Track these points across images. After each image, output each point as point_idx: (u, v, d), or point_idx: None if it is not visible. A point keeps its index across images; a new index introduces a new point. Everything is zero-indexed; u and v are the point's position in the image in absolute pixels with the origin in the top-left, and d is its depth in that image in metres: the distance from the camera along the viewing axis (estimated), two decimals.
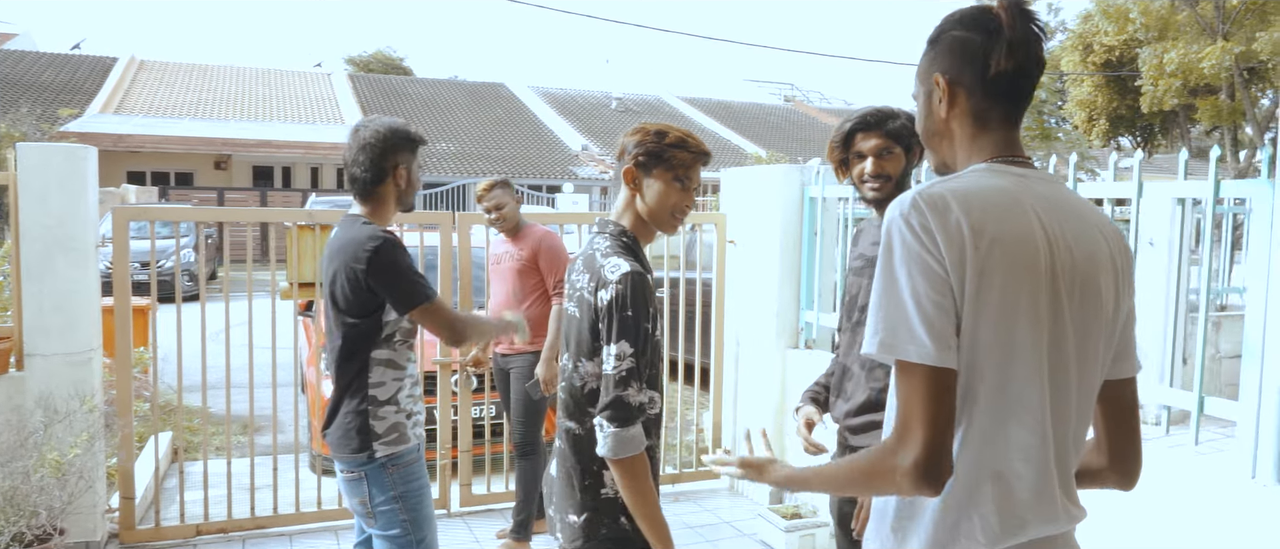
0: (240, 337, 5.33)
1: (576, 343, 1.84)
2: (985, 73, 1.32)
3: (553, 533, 1.94)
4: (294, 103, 26.51)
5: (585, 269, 1.85)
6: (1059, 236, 1.30)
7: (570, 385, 1.86)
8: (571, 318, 1.86)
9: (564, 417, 1.88)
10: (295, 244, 4.12)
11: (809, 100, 41.62)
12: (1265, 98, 14.77)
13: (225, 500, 4.10)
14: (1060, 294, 1.29)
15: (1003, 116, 1.35)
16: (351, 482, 2.49)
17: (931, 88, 1.38)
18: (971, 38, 1.33)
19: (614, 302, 1.74)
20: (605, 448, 1.75)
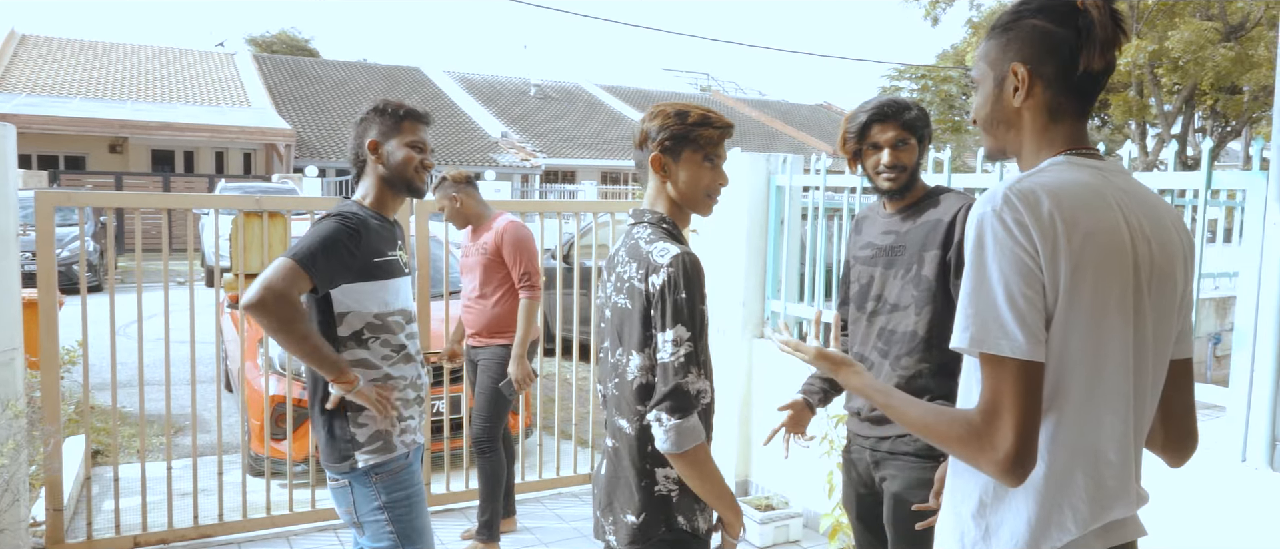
0: (153, 331, 4.97)
1: (627, 336, 1.74)
2: (1070, 68, 1.30)
3: (601, 536, 1.85)
4: (196, 83, 25.21)
5: (631, 258, 1.76)
6: (1139, 229, 1.31)
7: (622, 381, 1.76)
8: (621, 311, 1.76)
9: (615, 415, 1.79)
10: (242, 233, 3.84)
11: (725, 90, 42.00)
12: (1176, 94, 15.62)
13: (155, 507, 3.81)
14: (1142, 286, 1.31)
15: (1076, 111, 1.34)
16: (338, 491, 2.32)
17: (1005, 74, 1.35)
18: (1057, 31, 1.30)
19: (667, 285, 1.66)
20: (666, 443, 1.65)
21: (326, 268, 2.10)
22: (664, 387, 1.66)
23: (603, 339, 1.87)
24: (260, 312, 2.03)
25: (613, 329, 1.79)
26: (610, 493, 1.80)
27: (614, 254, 1.85)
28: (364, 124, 2.30)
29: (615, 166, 26.48)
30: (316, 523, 4.06)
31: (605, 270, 1.89)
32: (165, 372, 3.79)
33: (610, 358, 1.80)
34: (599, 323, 1.91)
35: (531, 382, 3.77)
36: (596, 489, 1.89)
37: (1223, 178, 2.64)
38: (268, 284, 2.04)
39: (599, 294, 1.93)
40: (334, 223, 2.15)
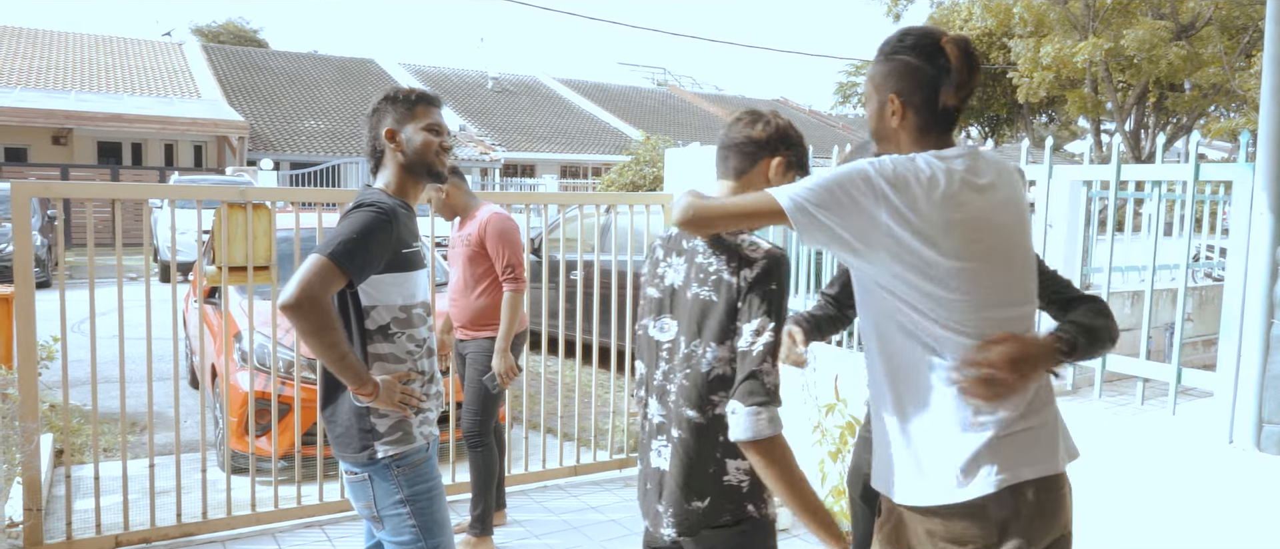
0: (107, 327, 4.84)
1: (708, 327, 1.71)
2: (933, 101, 1.60)
3: (657, 527, 1.82)
4: (143, 74, 24.51)
5: (717, 250, 1.73)
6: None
7: (695, 372, 1.74)
8: (703, 302, 1.73)
9: (685, 405, 1.74)
10: (225, 224, 3.76)
11: (681, 85, 42.11)
12: (1129, 91, 16.07)
13: (131, 507, 3.72)
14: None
15: (942, 132, 1.63)
16: (356, 484, 2.28)
17: (885, 101, 1.63)
18: (923, 68, 1.59)
19: (760, 277, 1.68)
20: (744, 431, 1.62)
21: (362, 262, 2.08)
22: (743, 373, 1.65)
23: (662, 331, 1.82)
24: (295, 314, 2.00)
25: (690, 320, 1.75)
26: (674, 484, 1.76)
27: (684, 246, 1.80)
28: (377, 115, 2.27)
29: (575, 160, 26.40)
30: (303, 519, 4.00)
31: (663, 260, 1.85)
32: (148, 367, 3.70)
33: (683, 348, 1.76)
34: (650, 313, 1.86)
35: (515, 375, 3.75)
36: (648, 483, 1.84)
37: (1210, 169, 2.74)
38: (305, 286, 2.00)
39: (655, 285, 1.86)
40: (367, 214, 2.12)
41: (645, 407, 1.86)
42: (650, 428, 1.84)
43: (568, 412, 5.49)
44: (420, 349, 2.27)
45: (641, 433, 1.88)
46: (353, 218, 2.12)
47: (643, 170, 18.72)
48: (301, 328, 2.02)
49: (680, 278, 1.80)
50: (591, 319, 4.82)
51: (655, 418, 1.82)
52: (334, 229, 2.12)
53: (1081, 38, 13.99)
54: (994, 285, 1.56)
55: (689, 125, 31.17)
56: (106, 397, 6.01)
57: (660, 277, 1.85)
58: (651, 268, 1.89)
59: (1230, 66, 13.83)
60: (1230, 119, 15.61)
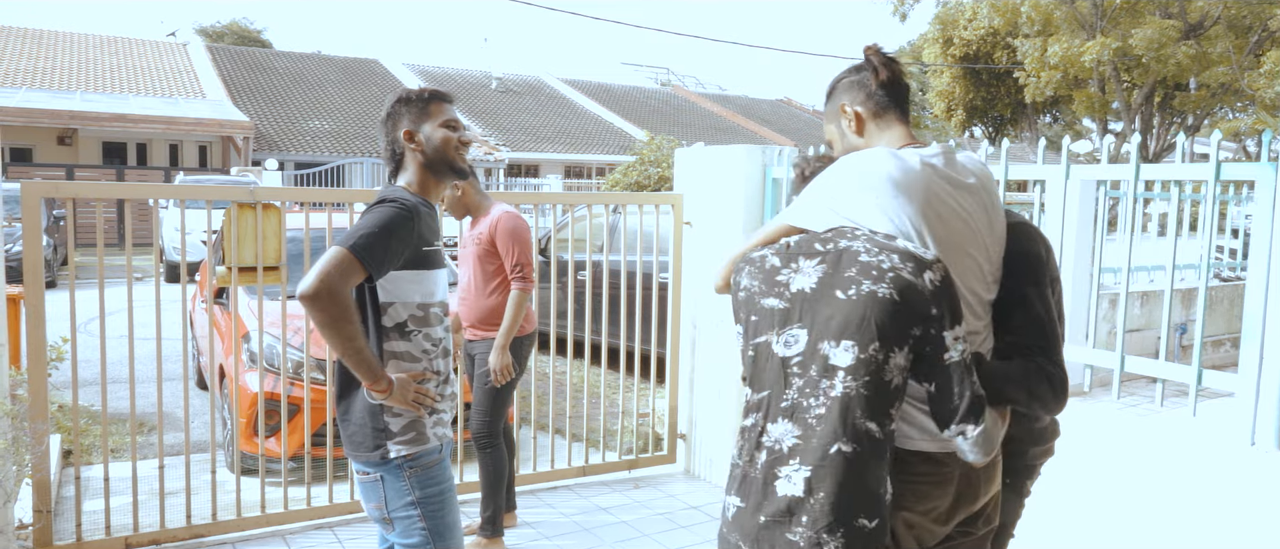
0: (115, 327, 4.81)
1: (890, 329, 1.56)
2: (870, 88, 1.82)
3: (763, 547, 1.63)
4: (148, 74, 24.53)
5: (882, 248, 1.60)
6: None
7: (876, 381, 1.57)
8: (882, 301, 1.56)
9: (862, 417, 1.56)
10: (235, 225, 3.74)
11: (685, 85, 42.08)
12: (1136, 90, 16.02)
13: (140, 507, 3.70)
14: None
15: (892, 108, 1.81)
16: (367, 484, 2.26)
17: (839, 117, 1.87)
18: (853, 76, 1.86)
19: (946, 282, 1.58)
20: (977, 453, 1.60)
21: (382, 257, 2.06)
22: (960, 390, 1.56)
23: (789, 345, 1.64)
24: (313, 304, 1.98)
25: (865, 320, 1.57)
26: (838, 504, 1.56)
27: (820, 248, 1.66)
28: (392, 119, 2.26)
29: (578, 160, 26.38)
30: (314, 521, 3.98)
31: (784, 266, 1.68)
32: (157, 368, 3.68)
33: (860, 352, 1.57)
34: (773, 328, 1.66)
35: (509, 375, 3.70)
36: (767, 515, 1.61)
37: (1233, 169, 2.71)
38: (325, 277, 1.98)
39: (775, 295, 1.67)
40: (390, 209, 2.10)
41: (760, 433, 1.65)
42: (777, 454, 1.62)
43: (576, 412, 5.47)
44: (436, 349, 2.25)
45: (748, 469, 1.66)
46: (375, 212, 2.11)
47: (647, 170, 18.67)
48: (319, 319, 2.00)
49: (813, 281, 1.64)
50: (600, 319, 4.80)
51: (787, 442, 1.61)
52: (356, 223, 2.11)
53: (1089, 37, 13.94)
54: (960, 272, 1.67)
55: (693, 125, 31.13)
56: (115, 397, 6.02)
57: (782, 284, 1.67)
58: (762, 280, 1.70)
59: (1239, 66, 13.76)
60: (1238, 118, 15.54)
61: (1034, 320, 1.72)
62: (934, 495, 1.69)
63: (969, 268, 1.67)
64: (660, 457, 4.94)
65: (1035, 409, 1.69)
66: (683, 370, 4.89)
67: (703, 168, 4.71)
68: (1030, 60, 14.58)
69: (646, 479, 4.75)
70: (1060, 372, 1.70)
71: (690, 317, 4.82)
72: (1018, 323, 1.72)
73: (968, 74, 21.87)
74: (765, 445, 1.64)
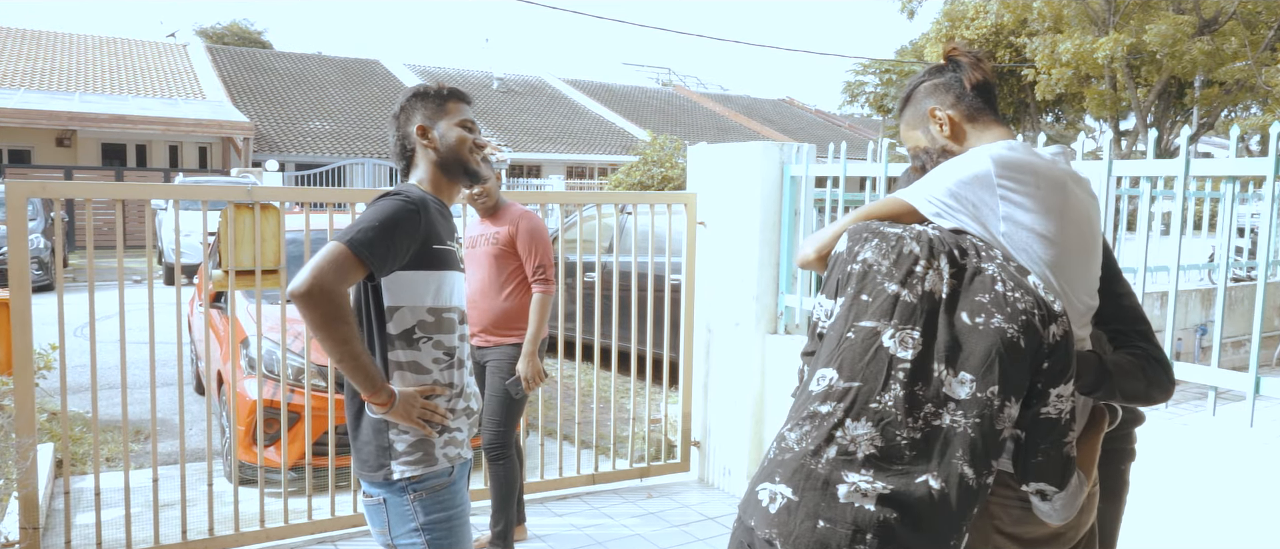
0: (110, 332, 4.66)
1: (1012, 376, 1.44)
2: (962, 91, 1.73)
3: None
4: (147, 75, 24.38)
5: (1014, 285, 1.49)
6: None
7: (987, 425, 1.43)
8: (1010, 343, 1.44)
9: (962, 461, 1.42)
10: (232, 226, 3.58)
11: (686, 84, 41.92)
12: (1148, 89, 15.90)
13: (133, 520, 3.54)
14: None
15: (986, 108, 1.72)
16: (372, 507, 2.09)
17: (928, 122, 1.76)
18: (940, 79, 1.76)
19: (1066, 338, 1.48)
20: (1057, 514, 1.51)
21: (384, 253, 1.89)
22: (1050, 449, 1.47)
23: (903, 345, 1.48)
24: (305, 303, 1.81)
25: (989, 356, 1.44)
26: (916, 535, 1.41)
27: (962, 261, 1.53)
28: (405, 112, 2.10)
29: (581, 160, 26.21)
30: (315, 535, 3.82)
31: (925, 259, 1.52)
32: (151, 373, 3.52)
33: (979, 391, 1.43)
34: (887, 317, 1.50)
35: (542, 380, 3.57)
36: (826, 520, 1.42)
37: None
38: (319, 274, 1.81)
39: (904, 284, 1.52)
40: (394, 203, 1.93)
41: (836, 427, 1.47)
42: (848, 456, 1.45)
43: (584, 418, 5.31)
44: (450, 359, 2.07)
45: (810, 460, 1.47)
46: (376, 206, 1.94)
47: (650, 170, 18.51)
48: (311, 319, 1.83)
49: (947, 289, 1.50)
50: (609, 322, 4.64)
51: (863, 448, 1.44)
52: (356, 217, 1.94)
53: (1101, 33, 13.74)
54: (1080, 278, 1.58)
55: (695, 125, 30.97)
56: (107, 404, 5.86)
57: (915, 276, 1.51)
58: (892, 261, 1.54)
59: (1256, 62, 13.57)
60: (1255, 116, 15.36)
61: (1127, 310, 1.69)
62: (1030, 520, 1.57)
63: (1091, 273, 1.61)
64: (673, 465, 4.78)
65: (1154, 396, 1.63)
66: (697, 375, 4.72)
67: (717, 166, 4.55)
68: (1041, 57, 14.41)
69: (659, 488, 4.59)
70: (1164, 355, 1.66)
71: (704, 320, 4.66)
72: (1110, 314, 1.68)
73: None
74: (838, 441, 1.45)
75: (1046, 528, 1.57)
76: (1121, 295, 1.70)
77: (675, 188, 17.68)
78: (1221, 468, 2.61)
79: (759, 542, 1.48)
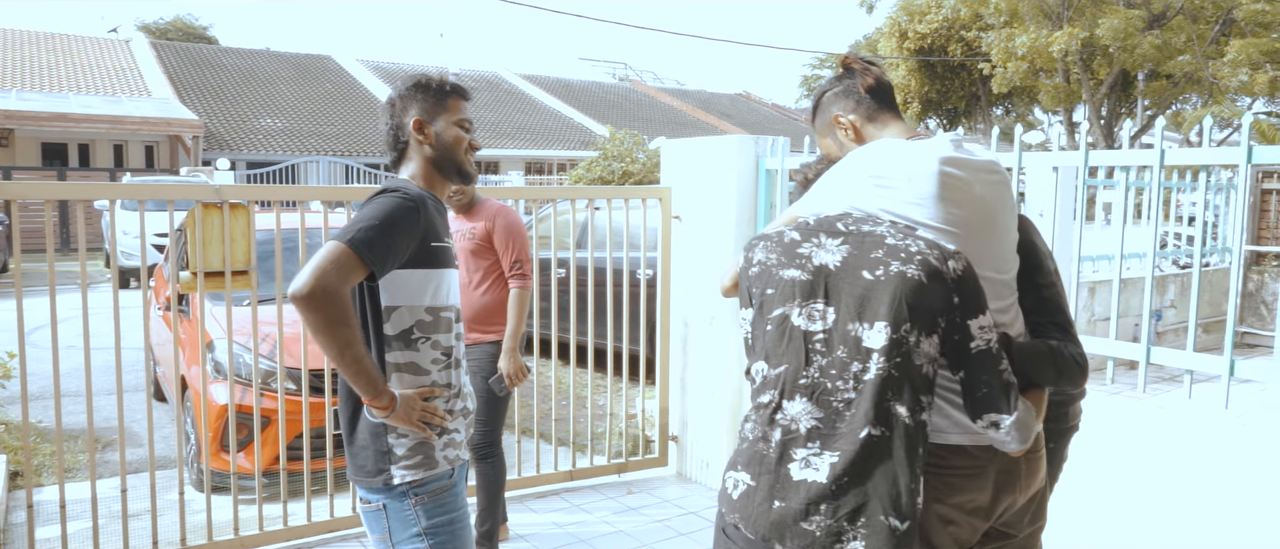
0: (65, 336, 4.49)
1: (920, 311, 1.52)
2: (858, 95, 1.85)
3: (818, 544, 1.49)
4: (89, 72, 23.65)
5: (903, 233, 1.59)
6: None
7: (907, 364, 1.51)
8: (911, 282, 1.52)
9: (894, 401, 1.50)
10: (200, 226, 3.47)
11: (643, 79, 41.91)
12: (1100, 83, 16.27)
13: (97, 533, 3.43)
14: None
15: (884, 108, 1.85)
16: (371, 514, 2.05)
17: (833, 126, 1.89)
18: (838, 85, 1.89)
19: (968, 272, 1.56)
20: (1015, 442, 1.56)
21: (384, 252, 1.84)
22: (989, 379, 1.54)
23: (812, 319, 1.57)
24: (307, 306, 1.76)
25: (896, 299, 1.52)
26: (863, 492, 1.49)
27: (843, 228, 1.62)
28: (403, 101, 2.05)
29: (539, 156, 26.07)
30: (292, 542, 3.73)
31: (805, 241, 1.63)
32: (117, 380, 3.41)
33: (892, 332, 1.51)
34: (793, 299, 1.59)
35: (525, 377, 3.54)
36: (782, 500, 1.52)
37: (1265, 153, 2.61)
38: (320, 276, 1.76)
39: (796, 266, 1.61)
40: (392, 200, 1.88)
41: (776, 411, 1.57)
42: (792, 434, 1.55)
43: (560, 416, 5.27)
44: (447, 360, 2.03)
45: (760, 445, 1.58)
46: (375, 203, 1.89)
47: (611, 165, 18.45)
48: (312, 322, 1.78)
49: (837, 258, 1.58)
50: (580, 318, 4.61)
51: (805, 423, 1.54)
52: (354, 216, 1.89)
53: (1055, 28, 14.05)
54: (979, 254, 1.65)
55: (653, 120, 30.99)
56: (66, 413, 5.67)
57: (804, 257, 1.61)
58: (780, 252, 1.64)
59: (1202, 55, 14.00)
60: (1193, 109, 15.84)
61: (1047, 301, 1.78)
62: (969, 488, 1.65)
63: (990, 248, 1.68)
64: (651, 459, 4.77)
65: (1064, 386, 1.72)
66: (674, 370, 4.72)
67: (692, 160, 4.54)
68: (997, 51, 14.68)
69: (638, 483, 4.58)
70: (1080, 348, 1.73)
71: (681, 314, 4.65)
72: (1031, 305, 1.77)
73: (923, 67, 22.07)
74: (780, 423, 1.57)
75: (981, 497, 1.65)
76: (1042, 286, 1.79)
77: (635, 182, 17.65)
78: (1199, 449, 2.68)
79: (728, 527, 1.61)
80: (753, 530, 1.55)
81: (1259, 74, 13.28)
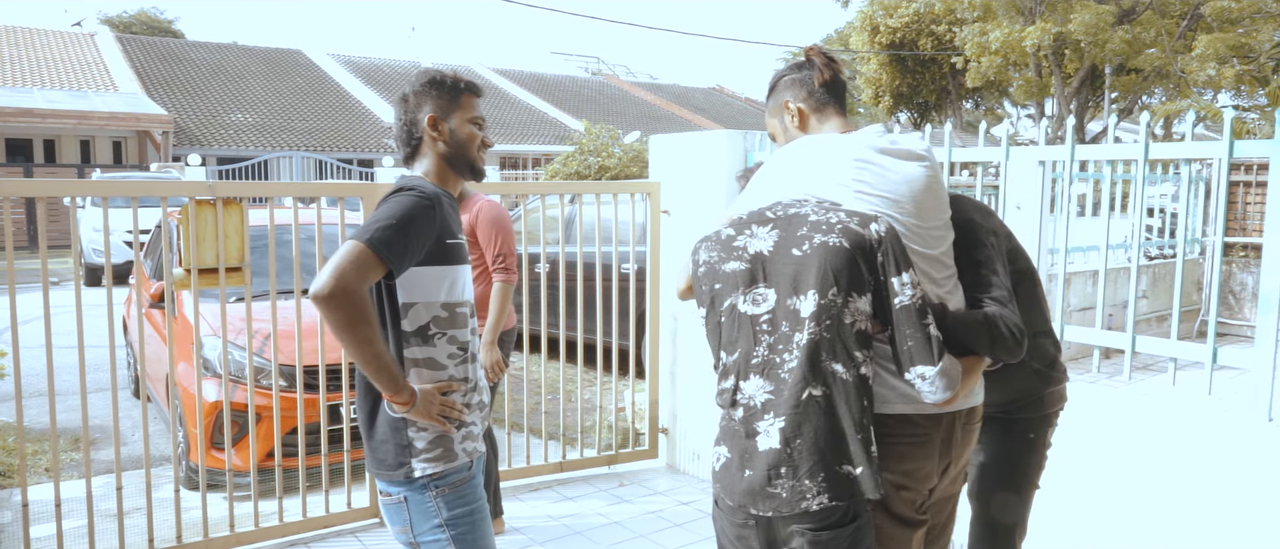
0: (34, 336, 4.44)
1: (843, 276, 1.66)
2: (812, 87, 1.95)
3: (793, 506, 1.63)
4: (53, 66, 23.21)
5: (836, 210, 1.72)
6: None
7: (837, 324, 1.66)
8: (834, 250, 1.66)
9: (828, 360, 1.65)
10: (193, 223, 3.46)
11: (616, 73, 41.90)
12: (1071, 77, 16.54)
13: (93, 532, 3.41)
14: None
15: (832, 104, 1.95)
16: (392, 507, 2.07)
17: (781, 112, 1.99)
18: (797, 74, 1.98)
19: (889, 235, 1.68)
20: (937, 393, 1.66)
21: (402, 251, 1.86)
22: (913, 332, 1.64)
23: (757, 303, 1.73)
24: (328, 306, 1.78)
25: (819, 272, 1.66)
26: (814, 446, 1.64)
27: (773, 215, 1.76)
28: (417, 98, 2.06)
29: (514, 151, 25.99)
30: (289, 537, 3.74)
31: (739, 234, 1.78)
32: (112, 378, 3.39)
33: (820, 298, 1.66)
34: (738, 288, 1.75)
35: (502, 371, 3.57)
36: (752, 469, 1.68)
37: (1246, 147, 2.70)
38: (340, 275, 1.78)
39: (735, 258, 1.76)
40: (408, 199, 1.91)
41: (736, 392, 1.73)
42: (752, 410, 1.70)
43: (549, 409, 5.30)
44: (464, 354, 2.06)
45: (729, 421, 1.75)
46: (392, 202, 1.92)
47: (587, 160, 18.45)
48: (334, 321, 1.81)
49: (769, 243, 1.74)
50: (563, 314, 4.64)
51: (759, 397, 1.69)
52: (371, 215, 1.91)
53: (1027, 22, 14.27)
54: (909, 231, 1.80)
55: (627, 114, 31.00)
56: (39, 411, 5.61)
57: (740, 248, 1.77)
58: (719, 249, 1.80)
59: (1172, 50, 14.29)
60: (1159, 103, 16.15)
61: (981, 279, 1.90)
62: (915, 456, 1.78)
63: (914, 226, 1.79)
64: (641, 452, 4.82)
65: (999, 354, 1.80)
66: (663, 362, 4.77)
67: (681, 154, 4.59)
68: (970, 45, 14.88)
69: (628, 475, 4.62)
70: (1017, 320, 1.83)
71: (670, 308, 4.70)
72: (970, 282, 1.89)
73: (894, 61, 22.26)
74: (741, 402, 1.72)
75: (929, 464, 1.80)
76: (980, 264, 1.92)
77: (612, 177, 17.68)
78: (1183, 434, 2.77)
79: (717, 497, 1.79)
80: (732, 499, 1.72)
81: (1226, 69, 13.62)
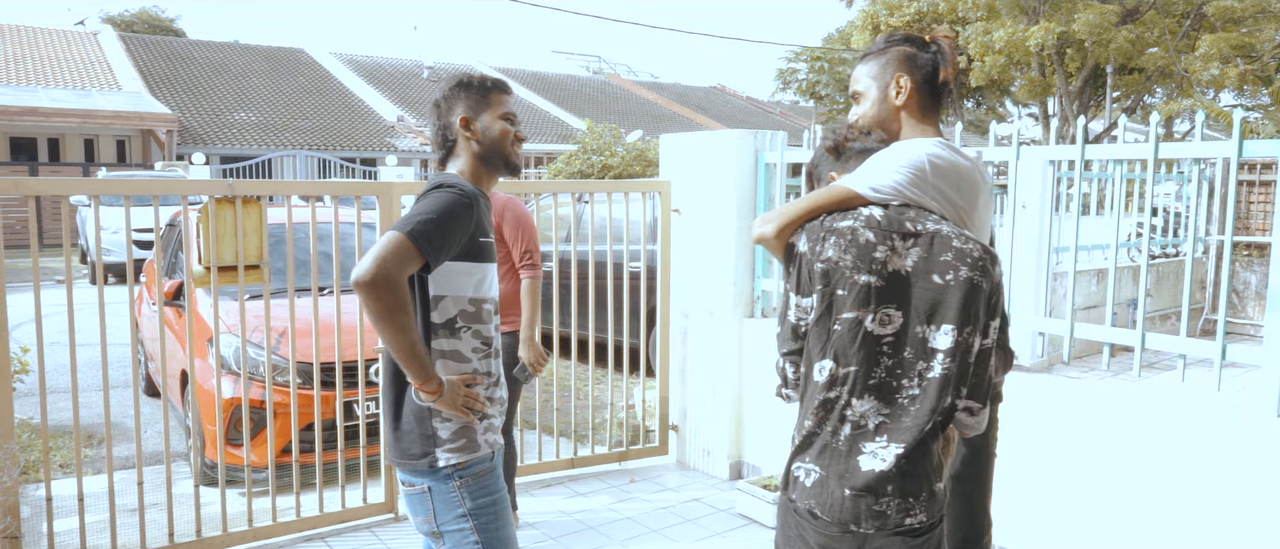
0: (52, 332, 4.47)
1: (979, 315, 1.67)
2: (933, 80, 1.89)
3: (899, 521, 1.66)
4: (57, 66, 23.25)
5: (963, 238, 1.71)
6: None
7: (963, 361, 1.67)
8: (975, 288, 1.66)
9: (953, 396, 1.66)
10: (212, 220, 3.50)
11: (618, 72, 41.90)
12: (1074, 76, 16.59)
13: (114, 525, 3.45)
14: None
15: (937, 111, 1.92)
16: (415, 497, 2.12)
17: (888, 83, 1.89)
18: (920, 54, 1.89)
19: (1000, 280, 1.72)
20: (979, 427, 1.72)
21: (440, 244, 1.93)
22: (981, 373, 1.69)
23: (883, 323, 1.67)
24: (369, 293, 1.85)
25: (965, 304, 1.65)
26: (924, 471, 1.67)
27: (919, 228, 1.70)
28: (448, 101, 2.13)
29: None
30: (306, 532, 3.78)
31: (881, 243, 1.68)
32: (133, 374, 3.43)
33: (957, 335, 1.64)
34: (864, 305, 1.67)
35: (545, 363, 3.64)
36: (850, 488, 1.66)
37: (1255, 147, 2.74)
38: (381, 264, 1.85)
39: (871, 272, 1.67)
40: (448, 195, 1.97)
41: (845, 407, 1.68)
42: (862, 429, 1.67)
43: (560, 407, 5.34)
44: (487, 349, 2.12)
45: (831, 438, 1.69)
46: (431, 198, 1.98)
47: (590, 159, 18.47)
48: (374, 309, 1.87)
49: (909, 263, 1.68)
50: (574, 312, 4.68)
51: (873, 419, 1.67)
52: (411, 209, 1.98)
53: (1031, 22, 14.30)
54: None
55: (630, 113, 31.01)
56: (57, 409, 5.65)
57: (879, 262, 1.68)
58: (855, 253, 1.68)
59: (1175, 49, 14.31)
60: (1160, 102, 16.19)
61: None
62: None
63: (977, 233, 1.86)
64: (651, 449, 4.86)
65: (999, 373, 1.97)
66: (674, 361, 4.81)
67: (692, 154, 4.63)
68: (974, 44, 14.92)
69: (639, 472, 4.67)
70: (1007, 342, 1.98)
71: (681, 306, 4.74)
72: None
73: None
74: (849, 419, 1.68)
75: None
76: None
77: (615, 176, 17.69)
78: (1193, 430, 2.81)
79: (803, 511, 1.72)
80: (830, 515, 1.67)
81: (1229, 68, 13.66)
